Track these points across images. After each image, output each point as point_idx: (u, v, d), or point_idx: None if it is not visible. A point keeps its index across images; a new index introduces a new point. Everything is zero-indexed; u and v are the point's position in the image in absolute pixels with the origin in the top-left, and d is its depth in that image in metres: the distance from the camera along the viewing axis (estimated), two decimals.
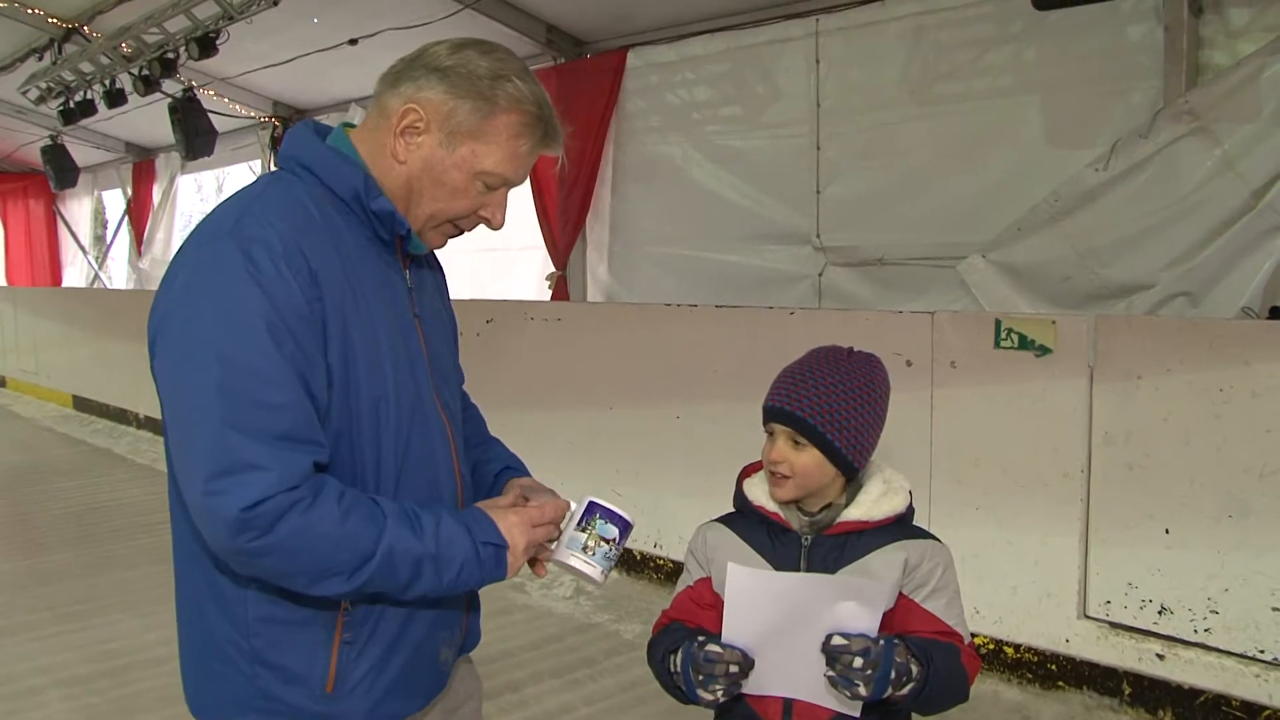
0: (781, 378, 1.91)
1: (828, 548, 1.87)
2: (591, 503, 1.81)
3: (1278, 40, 4.61)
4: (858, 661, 1.70)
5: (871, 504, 1.88)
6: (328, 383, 1.58)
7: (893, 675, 1.71)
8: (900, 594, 1.86)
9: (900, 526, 1.90)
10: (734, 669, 1.77)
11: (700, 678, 1.79)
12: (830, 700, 1.78)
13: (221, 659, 1.65)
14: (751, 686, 1.83)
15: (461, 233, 1.81)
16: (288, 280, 1.52)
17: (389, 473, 1.68)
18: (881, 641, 1.72)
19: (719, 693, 1.79)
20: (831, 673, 1.73)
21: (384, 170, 1.70)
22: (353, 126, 1.77)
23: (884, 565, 1.85)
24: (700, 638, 1.83)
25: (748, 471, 2.02)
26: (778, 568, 1.88)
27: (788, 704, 1.84)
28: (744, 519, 1.97)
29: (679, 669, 1.86)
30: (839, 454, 1.84)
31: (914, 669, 1.73)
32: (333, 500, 1.52)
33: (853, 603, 1.72)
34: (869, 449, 1.90)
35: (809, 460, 1.84)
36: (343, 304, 1.60)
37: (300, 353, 1.53)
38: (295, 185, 1.65)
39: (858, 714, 1.78)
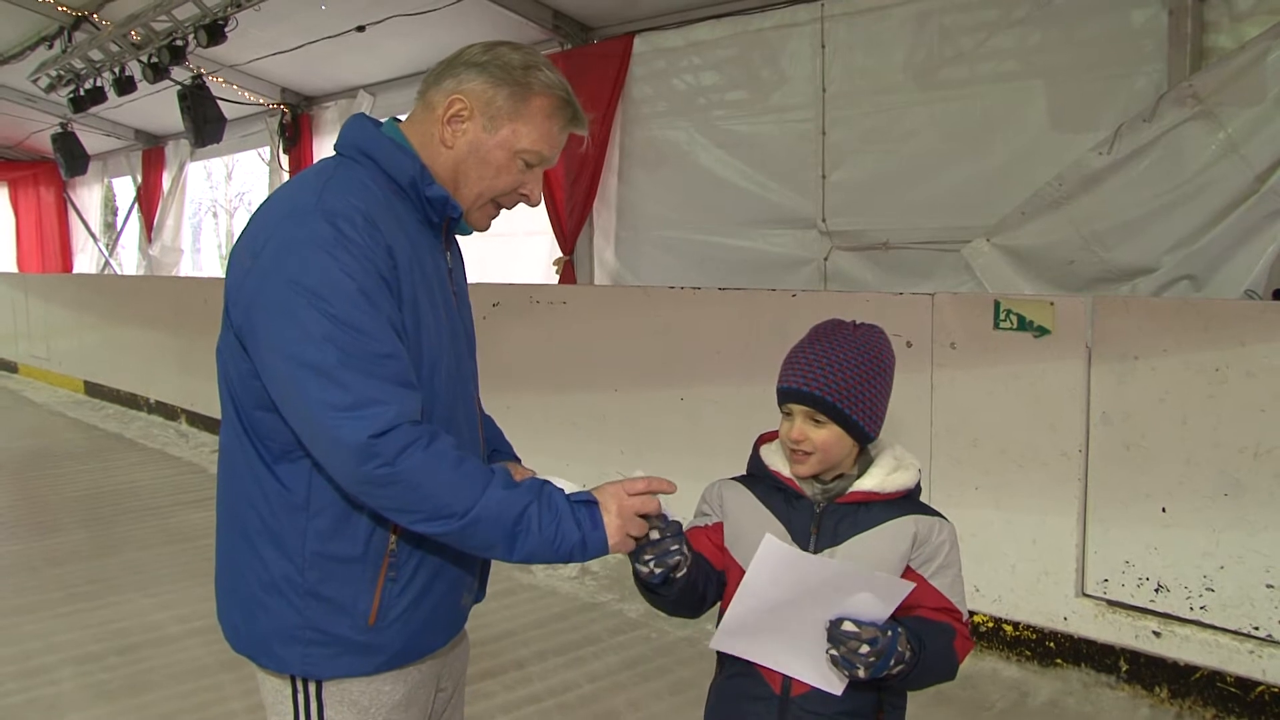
0: (793, 358, 1.95)
1: (839, 515, 1.92)
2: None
3: None
4: (864, 649, 1.76)
5: (884, 476, 1.94)
6: (405, 339, 1.74)
7: (890, 662, 1.77)
8: (908, 567, 1.91)
9: (909, 501, 1.95)
10: (655, 535, 1.83)
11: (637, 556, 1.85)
12: (813, 677, 1.84)
13: (273, 592, 1.80)
14: (743, 651, 1.89)
15: (500, 212, 1.98)
16: (371, 249, 1.69)
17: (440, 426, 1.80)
18: (889, 632, 1.78)
19: (650, 564, 1.84)
20: (835, 653, 1.78)
21: (433, 156, 1.87)
22: (400, 121, 1.94)
23: (893, 536, 1.90)
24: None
25: (764, 439, 2.07)
26: (791, 531, 1.93)
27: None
28: (759, 483, 2.02)
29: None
30: (857, 427, 1.89)
31: (908, 655, 1.79)
32: (449, 445, 1.69)
33: (871, 594, 1.77)
34: (882, 418, 1.95)
35: (829, 436, 1.89)
36: (412, 275, 1.78)
37: (392, 311, 1.71)
38: (359, 170, 1.82)
39: (839, 693, 1.83)
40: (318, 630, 1.79)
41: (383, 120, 1.93)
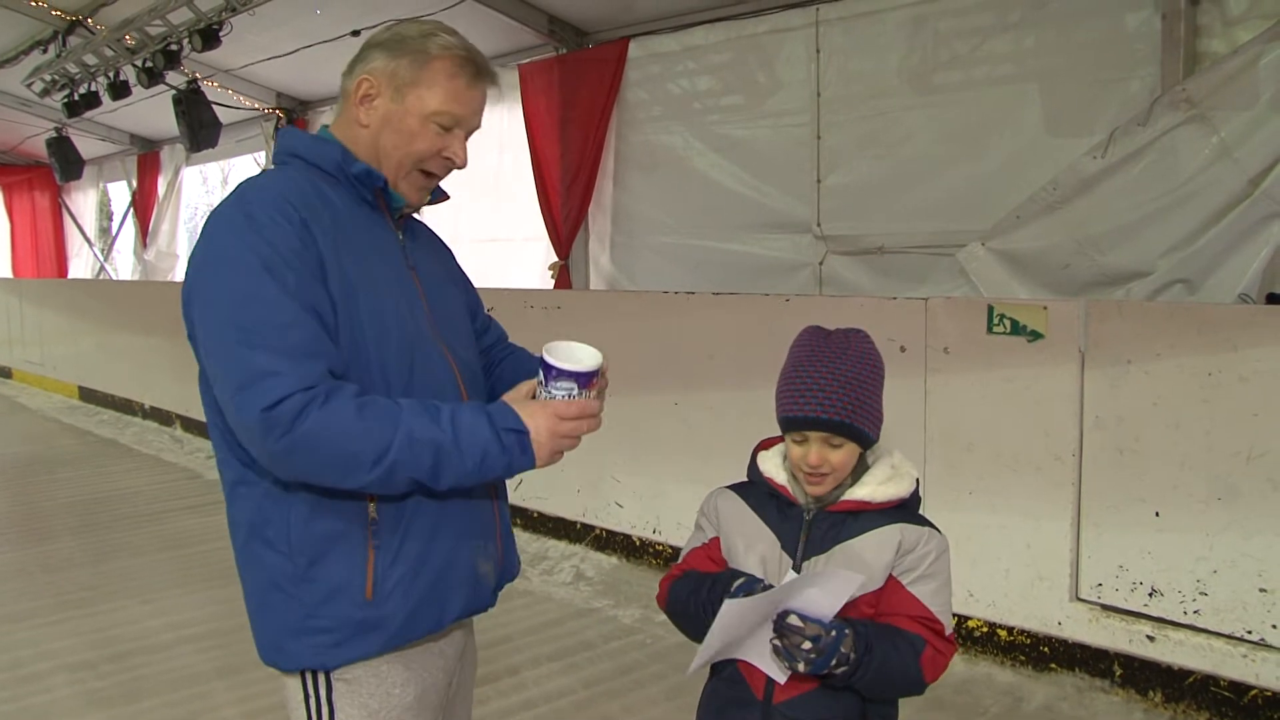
0: (796, 382, 1.92)
1: (828, 524, 1.92)
2: (544, 362, 1.85)
3: (1275, 27, 4.61)
4: (805, 644, 1.78)
5: (876, 485, 1.93)
6: (331, 308, 1.76)
7: (833, 661, 1.78)
8: (890, 575, 1.90)
9: (901, 511, 1.94)
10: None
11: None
12: (766, 665, 1.87)
13: (274, 588, 1.81)
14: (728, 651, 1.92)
15: (432, 180, 2.00)
16: (280, 224, 1.73)
17: (395, 389, 1.83)
18: (834, 631, 1.78)
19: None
20: (778, 643, 1.80)
21: (354, 139, 1.95)
22: (328, 126, 2.02)
23: (878, 545, 1.89)
24: (760, 584, 1.87)
25: (764, 444, 2.07)
26: (782, 540, 1.94)
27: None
28: (755, 490, 2.03)
29: (713, 596, 1.90)
30: (867, 437, 1.91)
31: (851, 656, 1.79)
32: (348, 397, 1.69)
33: (818, 588, 1.78)
34: (882, 420, 1.96)
35: (845, 455, 1.90)
36: (336, 245, 1.80)
37: (300, 283, 1.71)
38: (288, 169, 1.91)
39: (782, 681, 1.86)
40: (320, 616, 1.79)
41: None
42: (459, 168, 1.99)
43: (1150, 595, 3.90)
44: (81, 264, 16.37)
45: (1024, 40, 5.74)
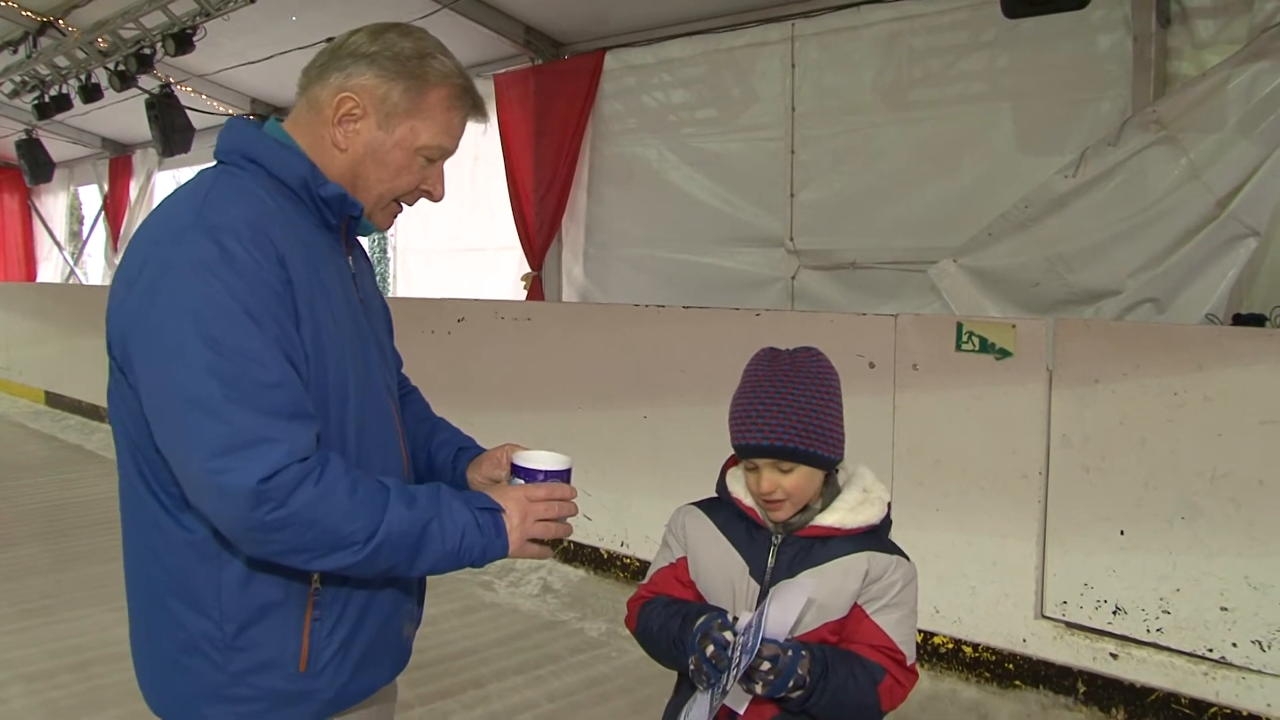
0: (744, 409, 1.90)
1: (797, 549, 1.89)
2: (515, 467, 1.81)
3: (1242, 52, 4.67)
4: (764, 665, 1.75)
5: (847, 511, 1.90)
6: (304, 360, 1.60)
7: (790, 684, 1.76)
8: (855, 604, 1.88)
9: (871, 538, 1.91)
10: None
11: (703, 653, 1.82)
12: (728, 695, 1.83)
13: (191, 652, 1.65)
14: None
15: (403, 209, 1.86)
16: (260, 264, 1.54)
17: (350, 452, 1.70)
18: (790, 651, 1.77)
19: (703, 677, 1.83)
20: None
21: (326, 160, 1.73)
22: (280, 119, 1.80)
23: (844, 573, 1.87)
24: (719, 620, 1.85)
25: (732, 461, 2.02)
26: (750, 563, 1.91)
27: None
28: (724, 509, 2.00)
29: (684, 636, 1.88)
30: (823, 460, 1.87)
31: (806, 680, 1.77)
32: (341, 471, 1.56)
33: (773, 606, 1.77)
34: (842, 439, 1.92)
35: (798, 478, 1.87)
36: (310, 286, 1.62)
37: (282, 334, 1.55)
38: (243, 176, 1.67)
39: (740, 709, 1.82)
40: (246, 685, 1.65)
41: (265, 119, 1.79)
42: (434, 201, 1.86)
43: (1114, 613, 3.91)
44: (51, 268, 16.21)
45: (997, 59, 5.78)
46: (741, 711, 1.82)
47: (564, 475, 1.81)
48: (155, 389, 1.53)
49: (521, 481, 1.79)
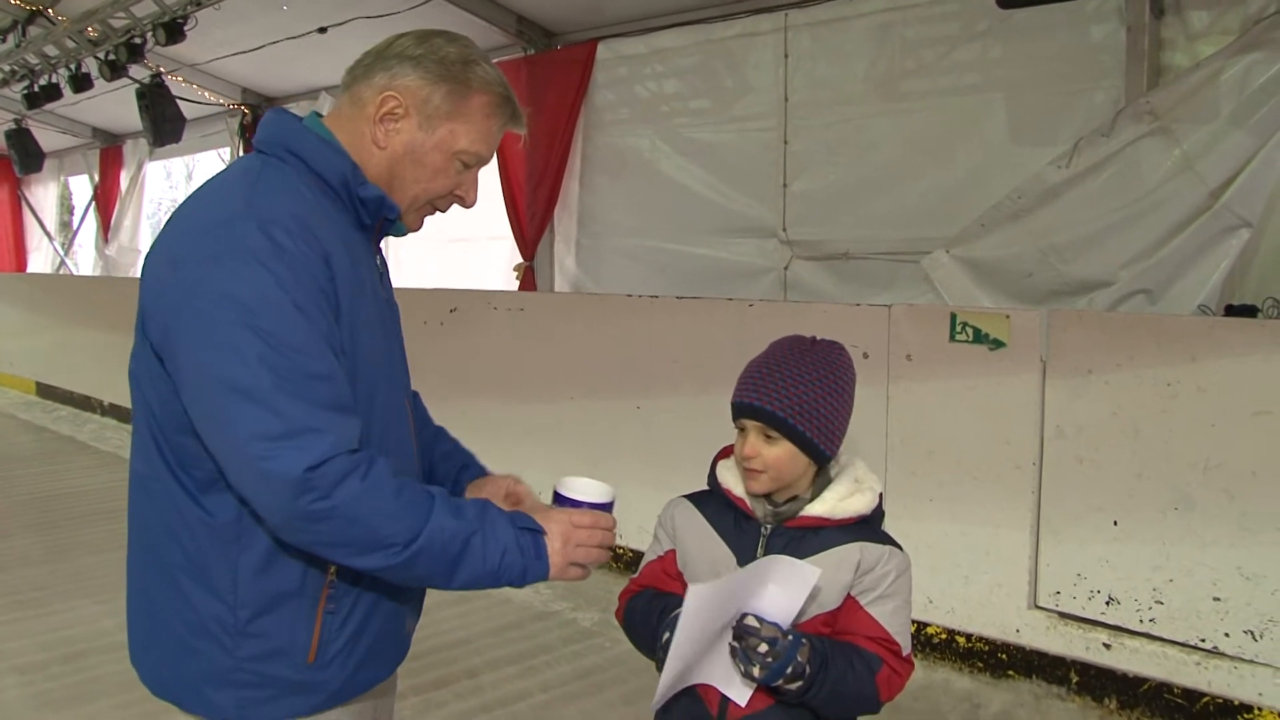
0: (748, 372, 1.91)
1: (786, 539, 1.88)
2: (558, 496, 1.82)
3: (1235, 43, 4.67)
4: (762, 647, 1.75)
5: (836, 501, 1.89)
6: (343, 355, 1.63)
7: (789, 670, 1.75)
8: (848, 595, 1.87)
9: (863, 528, 1.91)
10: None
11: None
12: (723, 684, 1.83)
13: (202, 634, 1.66)
14: (678, 687, 1.88)
15: (435, 213, 1.88)
16: (308, 257, 1.56)
17: (373, 450, 1.69)
18: (790, 636, 1.76)
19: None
20: (736, 644, 1.77)
21: (365, 157, 1.75)
22: (321, 115, 1.81)
23: (837, 564, 1.86)
24: None
25: (724, 453, 2.02)
26: (738, 554, 1.90)
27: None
28: (714, 500, 1.99)
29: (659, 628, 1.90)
30: (811, 444, 1.85)
31: (806, 669, 1.77)
32: (388, 472, 1.57)
33: (777, 586, 1.75)
34: (839, 436, 1.90)
35: (782, 453, 1.85)
36: (350, 284, 1.65)
37: (329, 329, 1.58)
38: (285, 170, 1.69)
39: (743, 702, 1.82)
40: (253, 672, 1.66)
41: (305, 115, 1.81)
42: (466, 208, 1.87)
43: (1107, 603, 3.92)
44: (41, 258, 16.13)
45: (990, 50, 5.77)
46: (744, 703, 1.82)
47: (607, 506, 1.81)
48: (201, 376, 1.54)
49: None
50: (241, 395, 1.49)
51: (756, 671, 1.75)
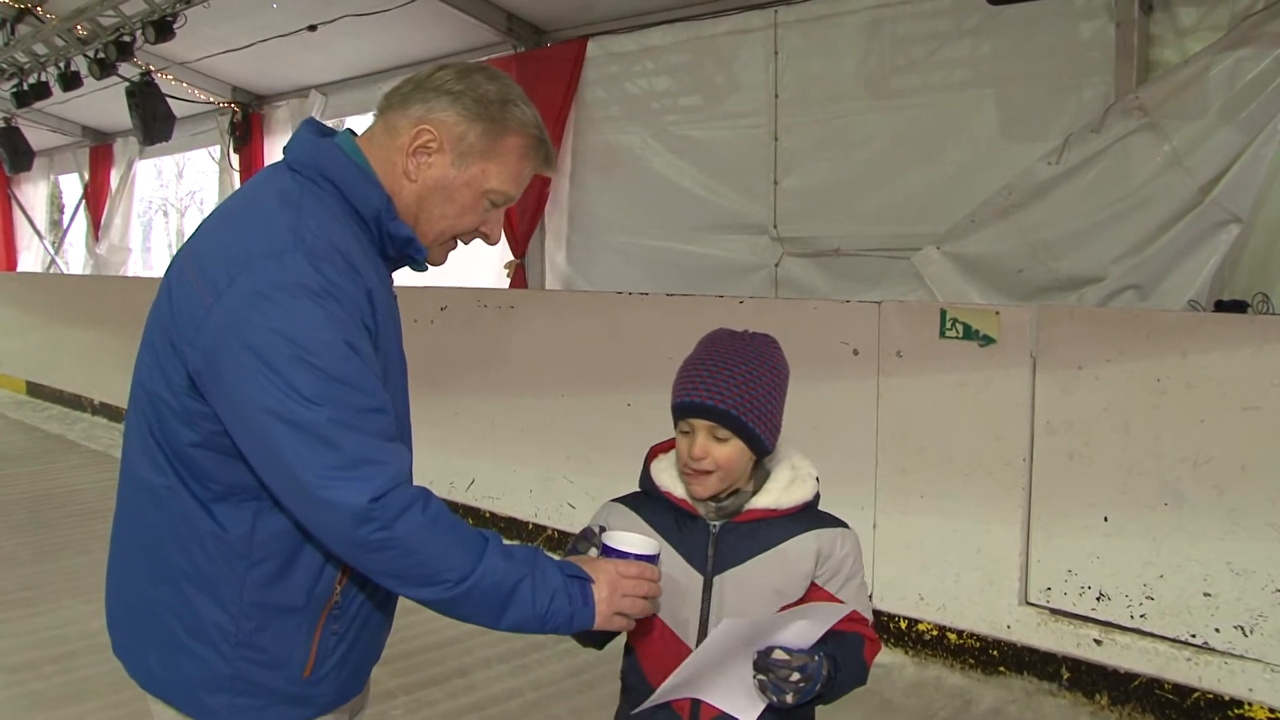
0: (690, 371, 1.87)
1: (737, 535, 1.87)
2: (606, 548, 1.81)
3: (1224, 39, 4.68)
4: (795, 676, 1.75)
5: (780, 491, 1.88)
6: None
7: (817, 686, 1.77)
8: (813, 583, 1.88)
9: (809, 514, 1.91)
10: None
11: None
12: (726, 704, 1.82)
13: (202, 640, 1.68)
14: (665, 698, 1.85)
15: (456, 246, 1.88)
16: (354, 294, 1.59)
17: None
18: (817, 657, 1.77)
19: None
20: (764, 678, 1.76)
21: (396, 188, 1.75)
22: (354, 134, 1.81)
23: (797, 555, 1.86)
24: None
25: (655, 453, 1.99)
26: (685, 555, 1.88)
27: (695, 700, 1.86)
28: (650, 502, 1.95)
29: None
30: (759, 440, 1.83)
31: (825, 675, 1.78)
32: (444, 507, 1.61)
33: (808, 621, 1.77)
34: (779, 429, 1.89)
35: (732, 451, 1.82)
36: (385, 319, 1.70)
37: (373, 360, 1.62)
38: (323, 197, 1.69)
39: (754, 718, 1.82)
40: (248, 681, 1.70)
41: (334, 130, 1.81)
42: (489, 244, 1.89)
43: (1098, 599, 3.93)
44: (31, 257, 16.07)
45: (980, 46, 5.77)
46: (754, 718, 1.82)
47: (653, 559, 1.80)
48: (257, 410, 1.54)
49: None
50: (301, 430, 1.52)
51: (790, 699, 1.76)
